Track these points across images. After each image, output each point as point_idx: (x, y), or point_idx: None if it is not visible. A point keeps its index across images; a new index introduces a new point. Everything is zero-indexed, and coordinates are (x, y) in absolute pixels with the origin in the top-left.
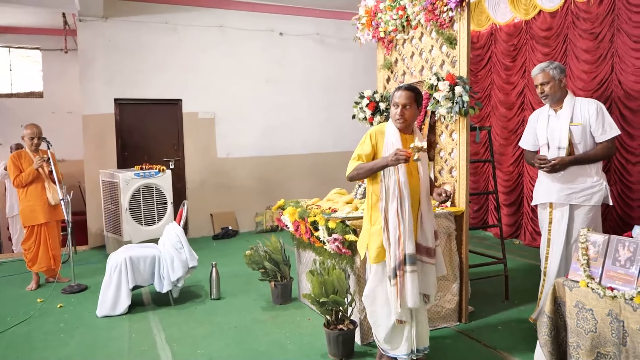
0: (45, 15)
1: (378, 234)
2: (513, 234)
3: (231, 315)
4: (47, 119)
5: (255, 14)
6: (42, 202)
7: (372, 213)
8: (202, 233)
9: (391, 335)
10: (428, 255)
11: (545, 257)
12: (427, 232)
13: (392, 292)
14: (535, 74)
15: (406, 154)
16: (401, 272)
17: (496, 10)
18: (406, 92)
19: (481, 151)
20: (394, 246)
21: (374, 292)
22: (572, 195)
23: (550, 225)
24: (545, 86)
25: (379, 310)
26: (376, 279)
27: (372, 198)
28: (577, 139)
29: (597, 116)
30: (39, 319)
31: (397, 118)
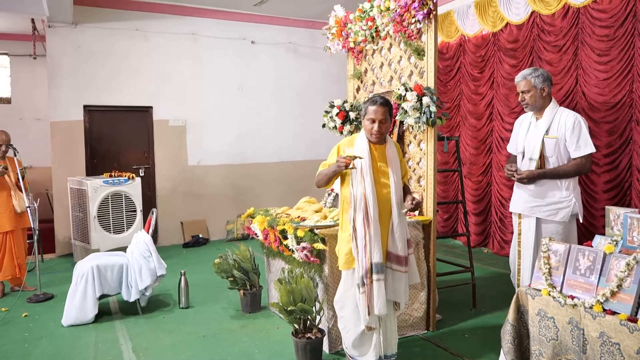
0: (14, 21)
1: (347, 241)
2: (482, 242)
3: (200, 324)
4: (15, 125)
5: (227, 22)
6: (8, 210)
7: (342, 220)
8: (172, 241)
9: (360, 341)
10: (398, 263)
11: (518, 269)
12: (398, 241)
13: (361, 300)
14: (518, 81)
15: (346, 161)
16: (368, 280)
17: (465, 22)
18: (382, 108)
19: (451, 160)
20: (361, 254)
21: (344, 297)
22: (536, 209)
23: (520, 237)
24: (525, 94)
25: (348, 316)
26: (345, 284)
27: (344, 205)
28: (549, 152)
29: (573, 131)
30: (3, 328)
31: (374, 133)
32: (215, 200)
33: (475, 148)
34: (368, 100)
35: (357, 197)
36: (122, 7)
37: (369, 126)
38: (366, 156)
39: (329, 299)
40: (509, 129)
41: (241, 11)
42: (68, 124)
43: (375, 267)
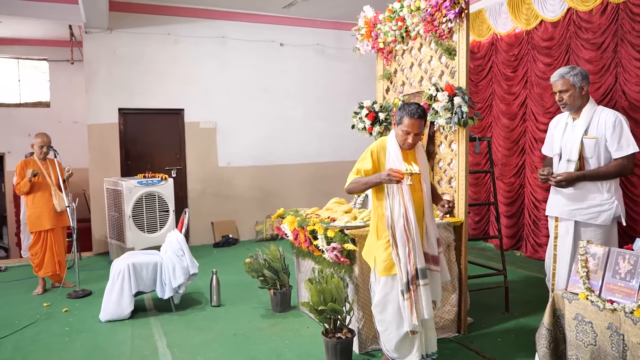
0: (53, 27)
1: (385, 248)
2: (514, 245)
3: (231, 322)
4: (54, 128)
5: (256, 25)
6: (49, 209)
7: (378, 227)
8: (203, 241)
9: (402, 344)
10: (435, 263)
11: (553, 273)
12: (432, 241)
13: (406, 306)
14: (554, 81)
15: (398, 176)
16: (414, 286)
17: (497, 20)
18: (420, 121)
19: (482, 161)
20: (404, 261)
21: (384, 301)
22: (576, 212)
23: (556, 240)
24: (564, 94)
25: (389, 320)
26: (385, 289)
27: (378, 211)
28: (588, 153)
29: (614, 130)
30: (45, 322)
31: (407, 145)
32: (244, 201)
33: (508, 149)
34: (404, 108)
35: (394, 205)
36: (154, 12)
37: (402, 137)
38: (400, 162)
39: (359, 299)
40: (544, 130)
41: (270, 14)
42: (104, 126)
43: (420, 273)
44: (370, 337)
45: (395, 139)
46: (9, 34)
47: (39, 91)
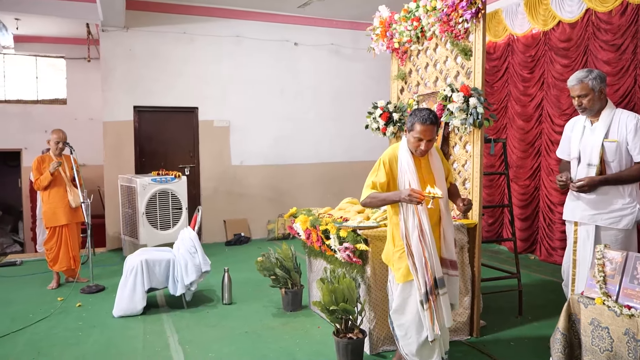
0: (70, 26)
1: (400, 256)
2: (528, 248)
3: (242, 320)
4: (70, 125)
5: (271, 24)
6: (64, 205)
7: (394, 234)
8: (215, 239)
9: (422, 349)
10: (453, 268)
11: (572, 278)
12: (450, 245)
13: (427, 316)
14: (572, 85)
15: (420, 197)
16: (433, 296)
17: (514, 21)
18: (432, 128)
19: (497, 163)
20: (421, 272)
21: (403, 307)
22: (597, 217)
23: (576, 245)
24: (583, 99)
25: (408, 325)
26: (404, 294)
27: (393, 219)
28: (610, 157)
29: (636, 133)
30: (59, 316)
31: (420, 152)
32: (256, 200)
33: (523, 151)
34: (416, 114)
35: (408, 216)
36: (170, 11)
37: (415, 143)
38: (413, 174)
39: (371, 299)
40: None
41: (285, 13)
42: (119, 124)
43: (439, 282)
44: (382, 338)
45: (407, 146)
46: (27, 32)
47: (56, 88)
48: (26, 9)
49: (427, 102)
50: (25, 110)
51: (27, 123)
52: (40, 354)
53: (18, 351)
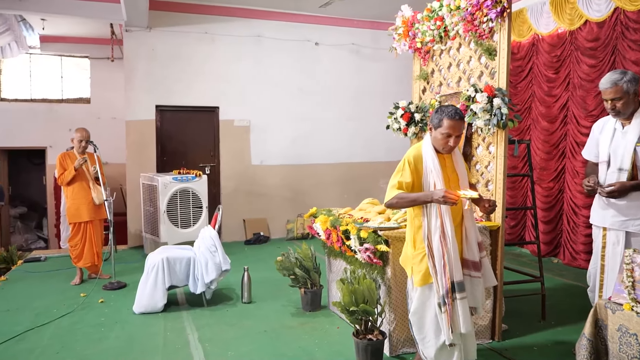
0: (95, 26)
1: (421, 259)
2: (551, 252)
3: (261, 319)
4: (93, 124)
5: (291, 24)
6: (87, 202)
7: (415, 237)
8: (234, 238)
9: (440, 353)
10: (475, 269)
11: (600, 284)
12: (473, 246)
13: (443, 319)
14: (606, 88)
15: (454, 198)
16: (450, 300)
17: (539, 20)
18: (460, 123)
19: (519, 165)
20: (440, 274)
21: (421, 310)
22: (628, 223)
23: (604, 250)
24: (617, 102)
25: (427, 328)
26: (422, 297)
27: (415, 222)
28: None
29: None
30: (83, 312)
31: (448, 148)
32: (275, 200)
33: (547, 152)
34: (443, 111)
35: (431, 217)
36: (192, 11)
37: (442, 140)
38: (439, 173)
39: (391, 301)
40: (586, 134)
41: (306, 13)
42: (141, 123)
43: (457, 286)
44: (402, 340)
45: (432, 144)
46: (53, 32)
47: (80, 88)
48: (52, 10)
49: (449, 103)
50: (51, 109)
51: (52, 121)
52: (64, 348)
53: (43, 345)
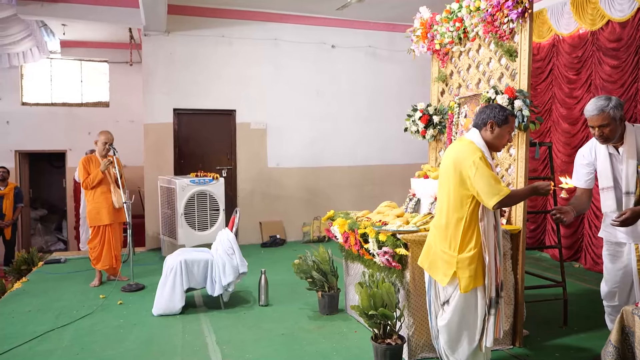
0: (114, 31)
1: (470, 262)
2: (572, 256)
3: (278, 322)
4: (112, 127)
5: (308, 27)
6: (108, 205)
7: (463, 239)
8: (250, 240)
9: (474, 357)
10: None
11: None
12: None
13: (492, 321)
14: (592, 115)
15: (550, 189)
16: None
17: (559, 20)
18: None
19: (539, 168)
20: (493, 275)
21: (461, 316)
22: None
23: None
24: (605, 129)
25: (464, 335)
26: (465, 303)
27: (463, 224)
28: None
29: None
30: (101, 313)
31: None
32: (291, 202)
33: (568, 155)
34: (503, 109)
35: (489, 217)
36: (210, 15)
37: (507, 137)
38: (494, 168)
39: (410, 305)
40: None
41: (323, 16)
42: (159, 126)
43: (502, 285)
44: (421, 345)
45: (486, 142)
46: (73, 37)
47: (99, 91)
48: (73, 15)
49: (469, 105)
50: (71, 112)
51: (71, 125)
52: (84, 349)
53: (64, 346)
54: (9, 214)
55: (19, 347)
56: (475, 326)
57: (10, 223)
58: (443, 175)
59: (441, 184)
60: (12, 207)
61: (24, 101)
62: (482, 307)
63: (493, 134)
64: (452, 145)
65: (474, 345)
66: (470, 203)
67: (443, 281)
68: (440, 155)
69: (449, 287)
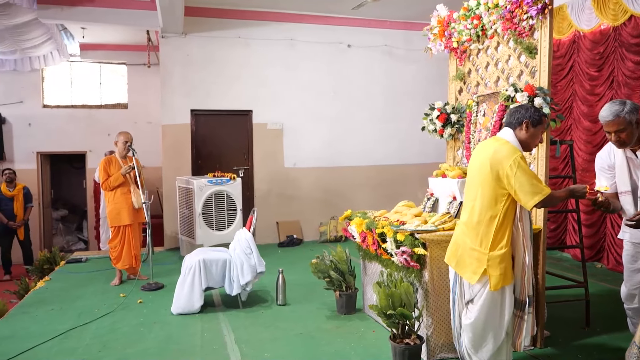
0: (132, 33)
1: (501, 260)
2: (594, 257)
3: (296, 321)
4: (130, 128)
5: (324, 27)
6: (128, 205)
7: (495, 237)
8: (267, 240)
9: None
10: None
11: None
12: None
13: (529, 320)
14: (607, 120)
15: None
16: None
17: (580, 16)
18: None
19: (560, 167)
20: (529, 273)
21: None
22: None
23: None
24: (621, 133)
25: (490, 334)
26: (493, 302)
27: (496, 222)
28: None
29: None
30: (122, 312)
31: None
32: (308, 202)
33: (590, 153)
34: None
35: (525, 215)
36: (226, 17)
37: (538, 138)
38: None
39: (429, 305)
40: None
41: (338, 15)
42: (177, 127)
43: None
44: (440, 345)
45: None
46: (92, 40)
47: (118, 93)
48: (92, 18)
49: (487, 103)
50: (90, 114)
51: (91, 127)
52: (106, 347)
53: (85, 344)
54: (20, 214)
55: (42, 344)
56: (501, 326)
57: (22, 223)
58: (476, 173)
59: (472, 182)
60: (23, 207)
61: (45, 104)
62: (509, 306)
63: (527, 133)
64: (485, 144)
65: (499, 344)
66: (505, 201)
67: (472, 279)
68: (458, 155)
69: (477, 285)
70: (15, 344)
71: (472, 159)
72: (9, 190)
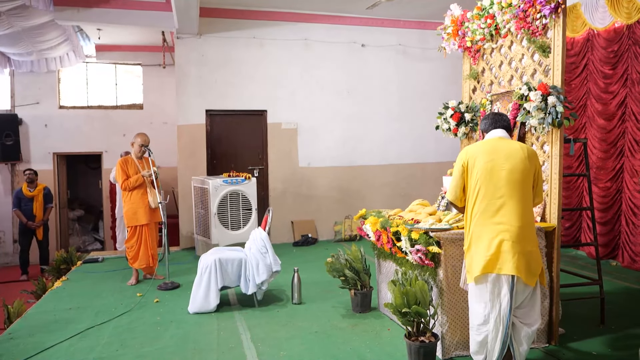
0: (147, 34)
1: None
2: (609, 254)
3: (311, 320)
4: (146, 129)
5: (338, 27)
6: (144, 205)
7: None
8: (282, 240)
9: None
10: None
11: None
12: None
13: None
14: None
15: None
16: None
17: (594, 15)
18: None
19: (574, 165)
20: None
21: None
22: None
23: None
24: None
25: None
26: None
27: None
28: None
29: None
30: (139, 311)
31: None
32: (323, 202)
33: (604, 151)
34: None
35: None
36: (241, 17)
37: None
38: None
39: (444, 303)
40: None
41: (352, 15)
42: (192, 127)
43: None
44: (454, 343)
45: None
46: (108, 42)
47: (133, 94)
48: (107, 20)
49: (501, 102)
50: (106, 115)
51: (107, 127)
52: (123, 345)
53: (103, 343)
54: (39, 214)
55: (60, 343)
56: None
57: (41, 224)
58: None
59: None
60: (42, 208)
61: (61, 104)
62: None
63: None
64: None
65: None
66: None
67: (533, 281)
68: None
69: (529, 287)
70: (34, 342)
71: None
72: (30, 190)
